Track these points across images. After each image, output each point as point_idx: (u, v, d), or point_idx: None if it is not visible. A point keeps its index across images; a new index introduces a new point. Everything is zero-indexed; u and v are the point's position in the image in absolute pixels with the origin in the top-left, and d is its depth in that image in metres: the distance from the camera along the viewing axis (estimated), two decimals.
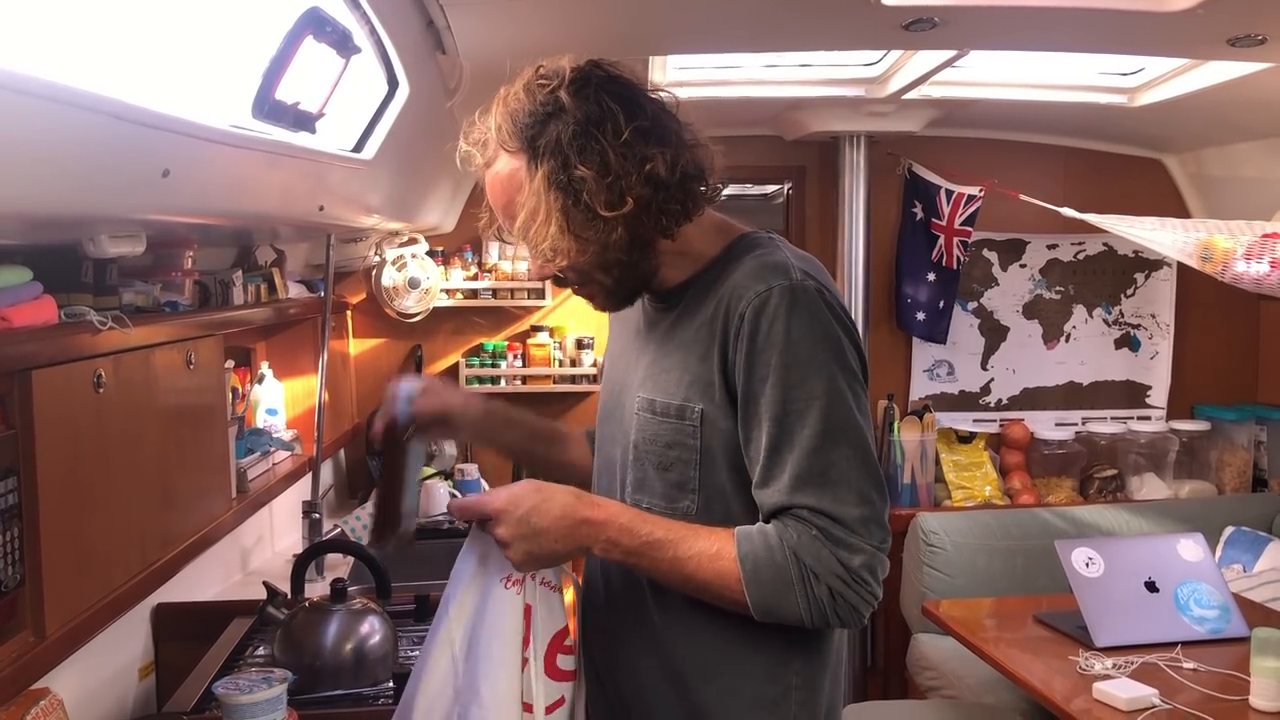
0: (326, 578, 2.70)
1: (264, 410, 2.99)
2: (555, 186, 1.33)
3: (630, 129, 1.33)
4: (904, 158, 3.94)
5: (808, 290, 1.35)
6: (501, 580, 1.41)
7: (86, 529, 1.61)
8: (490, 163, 1.42)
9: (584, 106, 1.34)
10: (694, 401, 1.40)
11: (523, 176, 1.37)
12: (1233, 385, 4.22)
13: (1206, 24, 2.25)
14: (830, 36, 2.67)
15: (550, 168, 1.33)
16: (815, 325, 1.34)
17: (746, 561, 1.33)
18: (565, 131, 1.33)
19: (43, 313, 1.57)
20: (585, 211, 1.33)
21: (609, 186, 1.33)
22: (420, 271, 3.77)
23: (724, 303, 1.38)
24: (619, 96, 1.36)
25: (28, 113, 1.05)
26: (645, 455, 1.45)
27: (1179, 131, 3.78)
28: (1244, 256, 2.79)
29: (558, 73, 1.36)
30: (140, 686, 2.12)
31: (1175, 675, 2.44)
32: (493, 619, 1.40)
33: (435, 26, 2.20)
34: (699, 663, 1.43)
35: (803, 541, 1.31)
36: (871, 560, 1.32)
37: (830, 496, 1.31)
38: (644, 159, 1.34)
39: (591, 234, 1.35)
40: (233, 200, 1.81)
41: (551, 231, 1.34)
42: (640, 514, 1.40)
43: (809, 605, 1.31)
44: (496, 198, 1.43)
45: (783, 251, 1.42)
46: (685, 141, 1.39)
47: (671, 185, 1.36)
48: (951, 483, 3.96)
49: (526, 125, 1.35)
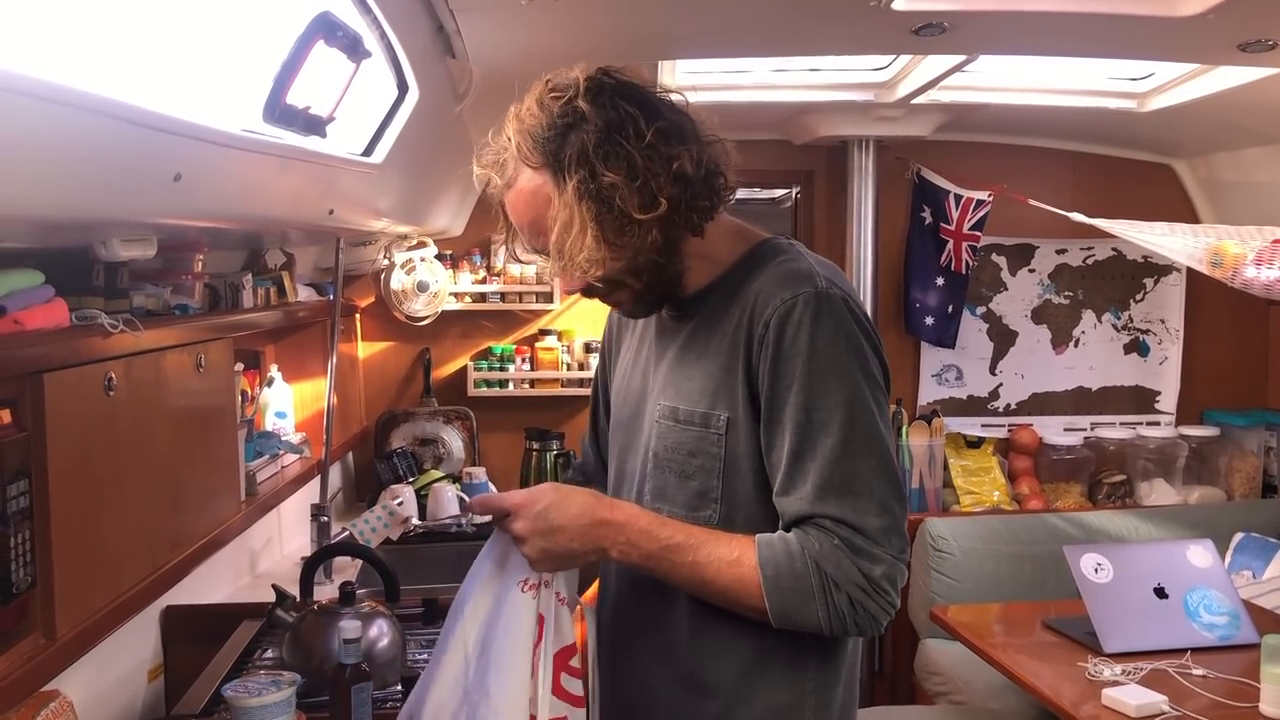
0: (335, 581, 2.70)
1: (273, 413, 2.99)
2: (587, 196, 1.32)
3: (652, 130, 1.33)
4: (913, 162, 3.93)
5: (833, 298, 1.35)
6: (519, 583, 1.41)
7: (97, 531, 1.62)
8: (511, 182, 1.41)
9: (603, 113, 1.33)
10: (719, 409, 1.39)
11: (549, 191, 1.36)
12: (1242, 391, 4.21)
13: (1217, 29, 2.24)
14: (839, 41, 2.67)
15: (579, 178, 1.32)
16: (840, 333, 1.34)
17: (767, 567, 1.32)
18: (589, 140, 1.32)
19: (54, 316, 1.58)
20: (619, 218, 1.33)
21: (640, 189, 1.32)
22: (429, 275, 3.77)
23: (748, 309, 1.38)
24: (635, 100, 1.35)
25: (40, 117, 1.05)
26: (666, 463, 1.44)
27: (1189, 136, 3.77)
28: (1254, 262, 2.78)
29: (571, 83, 1.35)
30: (149, 689, 2.13)
31: (1185, 682, 2.43)
32: (507, 620, 1.40)
33: (445, 31, 2.20)
34: (713, 673, 1.42)
35: (824, 550, 1.31)
36: (892, 570, 1.32)
37: (853, 506, 1.31)
38: (670, 158, 1.34)
39: (626, 240, 1.34)
40: (243, 204, 1.82)
41: (587, 242, 1.33)
42: (659, 518, 1.40)
43: (829, 614, 1.31)
44: (521, 215, 1.41)
45: (806, 259, 1.42)
46: (703, 138, 1.39)
47: (698, 181, 1.36)
48: (960, 488, 3.95)
49: (547, 139, 1.34)
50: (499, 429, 3.96)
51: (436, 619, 2.26)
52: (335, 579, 2.75)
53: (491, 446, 3.97)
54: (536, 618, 1.40)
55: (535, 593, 1.41)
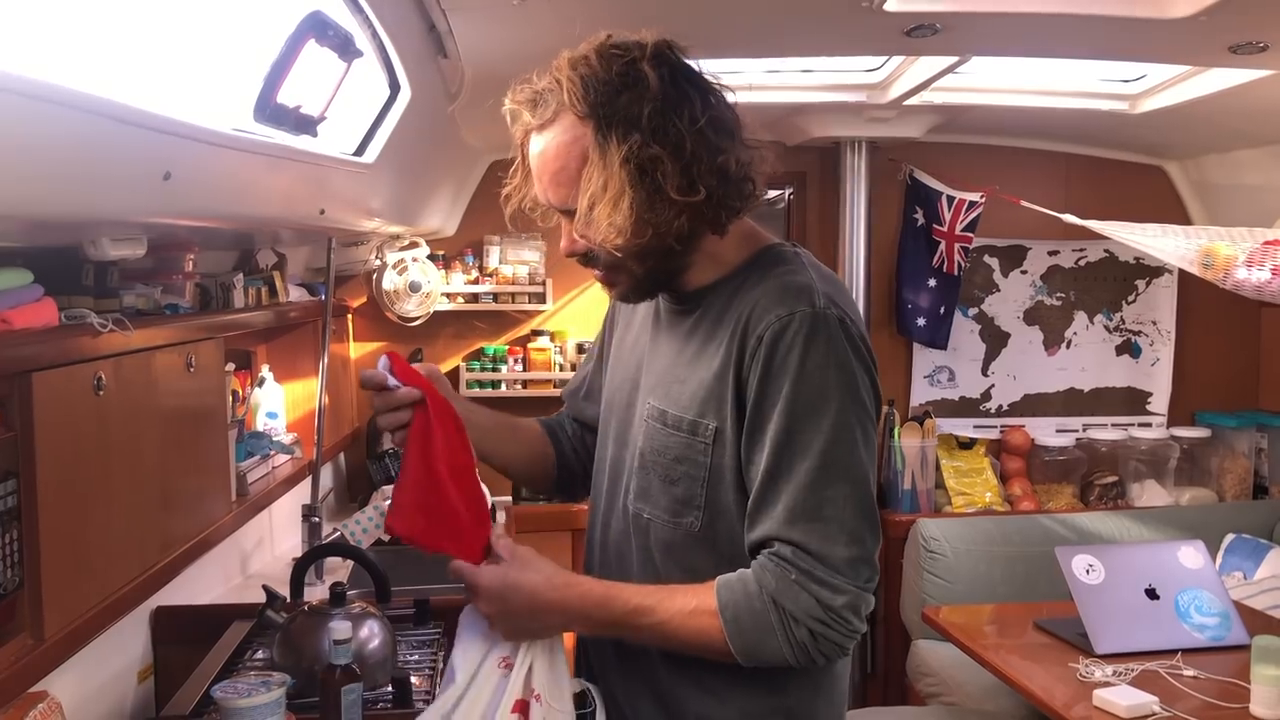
0: (326, 581, 2.69)
1: (264, 413, 2.98)
2: (632, 162, 1.28)
3: (706, 117, 1.31)
4: (905, 163, 3.94)
5: (829, 319, 1.32)
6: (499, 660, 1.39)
7: (86, 532, 1.61)
8: (546, 124, 1.34)
9: (664, 85, 1.29)
10: (708, 418, 1.38)
11: (586, 144, 1.31)
12: (1234, 392, 4.22)
13: (1208, 31, 2.25)
14: (832, 42, 2.67)
15: (630, 143, 1.28)
16: (831, 357, 1.31)
17: (727, 610, 1.31)
18: (646, 108, 1.28)
19: (43, 315, 1.57)
20: (656, 193, 1.29)
21: (683, 171, 1.29)
22: (421, 275, 3.77)
23: (743, 320, 1.36)
24: (695, 82, 1.33)
25: (30, 115, 1.05)
26: (651, 465, 1.43)
27: (1180, 138, 3.78)
28: (1245, 263, 2.79)
29: (635, 45, 1.31)
30: (139, 689, 2.12)
31: (1175, 683, 2.43)
32: (478, 689, 1.38)
33: (437, 31, 2.20)
34: (695, 702, 1.42)
35: (780, 587, 1.29)
36: (855, 600, 1.30)
37: (820, 534, 1.29)
38: (717, 149, 1.32)
39: (654, 218, 1.30)
40: (234, 203, 1.81)
41: (622, 209, 1.28)
42: (613, 586, 1.39)
43: (791, 648, 1.30)
44: (548, 160, 1.35)
45: (808, 272, 1.39)
46: (744, 140, 1.37)
47: (736, 180, 1.34)
48: (952, 489, 3.95)
49: (600, 92, 1.29)
50: None
51: (427, 620, 2.26)
52: (326, 580, 2.74)
53: None
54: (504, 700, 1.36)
55: (508, 671, 1.38)
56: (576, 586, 1.39)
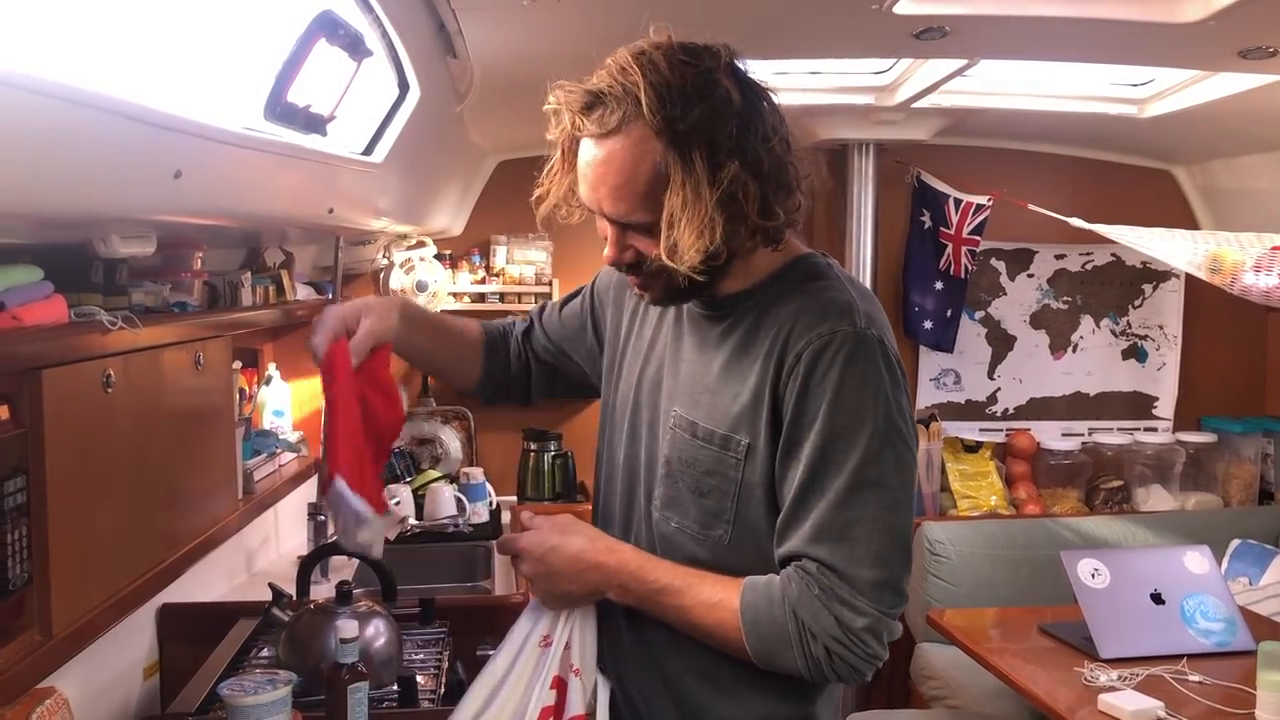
0: (332, 580, 2.69)
1: (271, 412, 2.99)
2: (720, 185, 1.24)
3: (777, 137, 1.29)
4: (913, 166, 3.94)
5: (869, 340, 1.30)
6: (540, 639, 1.44)
7: (94, 528, 1.61)
8: (611, 130, 1.26)
9: (744, 101, 1.26)
10: (740, 434, 1.36)
11: (658, 159, 1.25)
12: (1240, 397, 4.21)
13: (1217, 36, 2.24)
14: (841, 44, 2.67)
15: (714, 163, 1.23)
16: (869, 379, 1.29)
17: (748, 612, 1.32)
18: (728, 125, 1.24)
19: (53, 312, 1.58)
20: (738, 217, 1.26)
21: (761, 193, 1.26)
22: (428, 275, 3.77)
23: (782, 336, 1.33)
24: (759, 94, 1.31)
25: (40, 113, 1.05)
26: (680, 475, 1.41)
27: (1188, 143, 3.78)
28: (1253, 268, 2.78)
29: (708, 52, 1.27)
30: (145, 686, 2.12)
31: (1181, 688, 2.43)
32: (519, 670, 1.42)
33: (447, 30, 2.20)
34: (699, 676, 1.42)
35: (803, 600, 1.29)
36: (876, 625, 1.28)
37: (846, 554, 1.28)
38: (785, 166, 1.30)
39: (731, 239, 1.27)
40: (243, 202, 1.82)
41: (709, 232, 1.23)
42: (650, 560, 1.40)
43: (806, 662, 1.30)
44: (610, 172, 1.28)
45: (848, 289, 1.37)
46: (799, 152, 1.34)
47: (796, 195, 1.32)
48: (957, 492, 3.95)
49: (677, 105, 1.23)
50: (496, 429, 3.96)
51: (433, 619, 2.26)
52: (332, 578, 2.75)
53: (489, 447, 3.97)
54: (544, 675, 1.41)
55: (547, 649, 1.43)
56: (619, 552, 1.41)
